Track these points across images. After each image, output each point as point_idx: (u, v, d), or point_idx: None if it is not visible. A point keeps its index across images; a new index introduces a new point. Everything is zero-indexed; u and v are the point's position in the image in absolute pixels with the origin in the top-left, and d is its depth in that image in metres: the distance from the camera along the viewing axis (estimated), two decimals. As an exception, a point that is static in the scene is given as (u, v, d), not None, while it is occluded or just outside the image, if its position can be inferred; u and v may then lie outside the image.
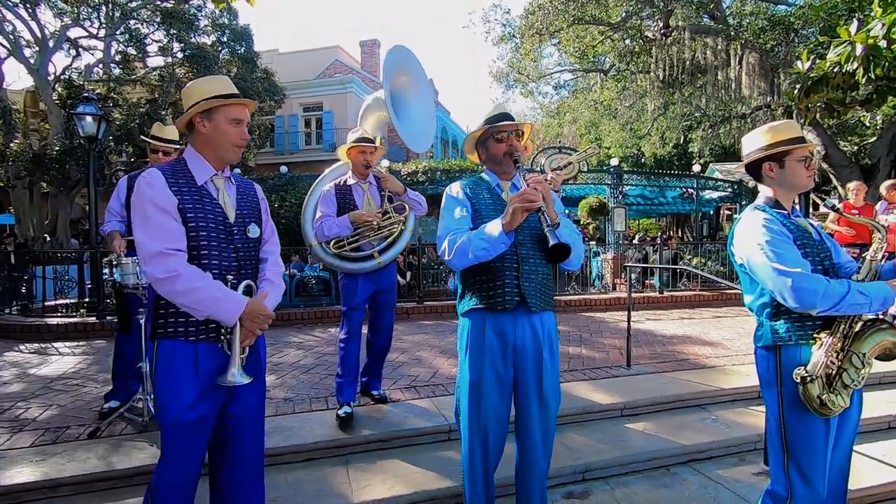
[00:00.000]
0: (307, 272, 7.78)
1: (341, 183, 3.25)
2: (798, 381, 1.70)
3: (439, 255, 2.01)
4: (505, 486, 2.43)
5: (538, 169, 10.38)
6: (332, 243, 3.18)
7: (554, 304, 2.10)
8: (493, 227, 1.83)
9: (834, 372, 1.69)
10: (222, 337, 1.68)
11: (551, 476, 2.58)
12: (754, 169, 1.92)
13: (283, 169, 12.41)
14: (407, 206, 3.30)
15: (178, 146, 3.25)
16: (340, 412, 3.03)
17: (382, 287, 3.27)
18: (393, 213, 3.25)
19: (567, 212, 3.87)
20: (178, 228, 1.61)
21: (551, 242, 1.71)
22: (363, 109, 3.49)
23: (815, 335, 1.74)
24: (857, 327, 1.71)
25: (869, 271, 1.76)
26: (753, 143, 1.92)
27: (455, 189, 2.08)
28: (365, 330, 3.30)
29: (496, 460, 2.04)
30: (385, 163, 11.73)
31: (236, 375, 1.65)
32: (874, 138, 12.18)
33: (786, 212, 1.86)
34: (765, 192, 1.92)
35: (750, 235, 1.78)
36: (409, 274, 8.79)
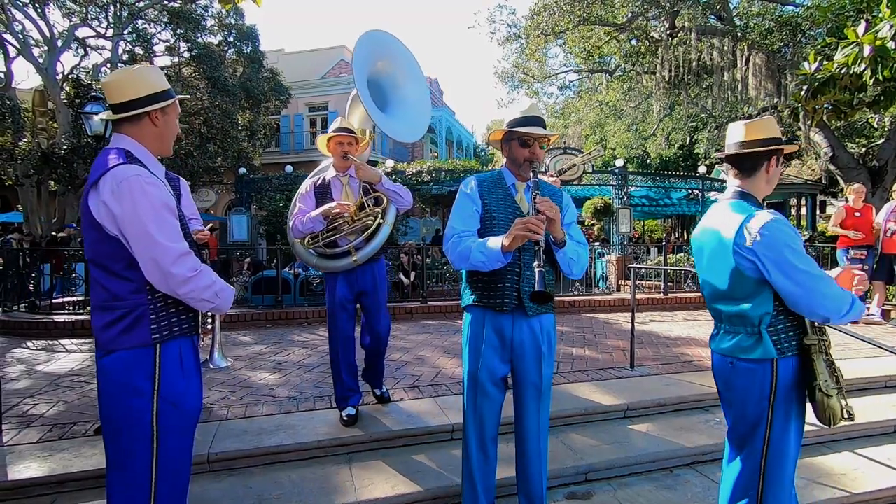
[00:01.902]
0: (311, 271, 7.80)
1: (320, 178, 3.12)
2: (826, 396, 1.66)
3: (444, 251, 2.04)
4: (505, 486, 2.43)
5: (542, 169, 10.37)
6: (308, 240, 3.02)
7: (553, 304, 2.12)
8: (494, 245, 1.85)
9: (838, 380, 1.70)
10: (208, 326, 1.74)
11: (554, 476, 2.60)
12: (753, 159, 1.78)
13: (289, 168, 12.46)
14: (385, 199, 3.07)
15: None
16: (343, 415, 3.02)
17: (365, 288, 3.08)
18: (372, 205, 3.04)
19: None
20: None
21: (536, 288, 1.71)
22: (349, 102, 3.28)
23: (823, 346, 1.71)
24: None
25: None
26: (765, 130, 1.78)
27: (470, 185, 2.09)
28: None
29: (493, 449, 2.10)
30: (390, 162, 11.75)
31: (220, 360, 1.73)
32: (882, 140, 12.09)
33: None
34: (751, 188, 1.80)
35: (781, 238, 1.62)
36: (412, 273, 8.80)
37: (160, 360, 1.56)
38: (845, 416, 1.67)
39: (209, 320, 1.78)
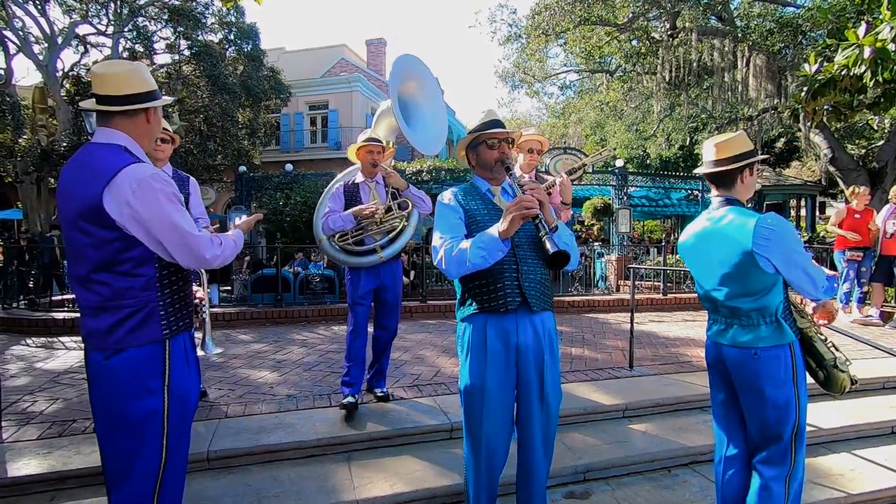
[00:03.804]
0: (311, 270, 7.81)
1: (350, 181, 3.40)
2: (840, 371, 1.94)
3: (436, 265, 1.97)
4: (505, 484, 2.44)
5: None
6: (336, 237, 3.29)
7: (552, 304, 2.11)
8: (490, 235, 1.83)
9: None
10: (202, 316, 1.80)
11: (553, 476, 2.59)
12: (728, 174, 2.00)
13: (289, 167, 12.46)
14: (410, 203, 3.38)
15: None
16: (345, 401, 3.10)
17: (385, 283, 3.33)
18: (396, 209, 3.34)
19: (572, 213, 3.87)
20: None
21: (551, 250, 1.72)
22: (377, 115, 3.60)
23: (817, 328, 1.99)
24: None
25: None
26: (735, 147, 2.00)
27: (446, 197, 2.08)
28: (371, 328, 3.35)
29: (501, 462, 2.02)
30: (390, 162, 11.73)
31: (212, 346, 1.80)
32: (882, 142, 12.11)
33: None
34: (735, 195, 2.02)
35: (793, 236, 1.86)
36: (412, 273, 8.81)
37: (170, 355, 1.58)
38: (853, 382, 1.97)
39: (204, 311, 1.84)
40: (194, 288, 2.45)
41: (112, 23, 13.93)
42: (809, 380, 2.01)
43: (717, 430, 2.14)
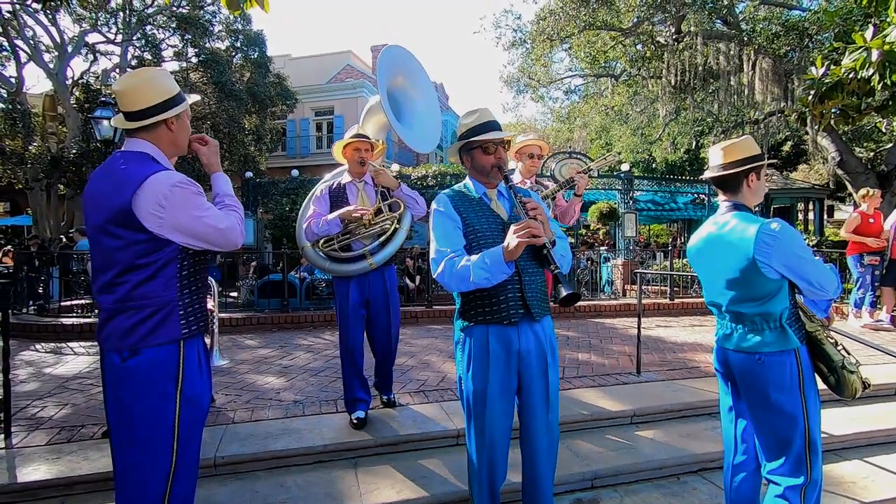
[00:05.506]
0: (317, 275, 7.83)
1: (336, 183, 3.15)
2: (850, 373, 1.91)
3: (436, 278, 1.94)
4: (510, 492, 2.42)
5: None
6: (321, 243, 3.05)
7: (550, 306, 2.09)
8: (495, 257, 1.79)
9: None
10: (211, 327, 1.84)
11: (560, 483, 2.59)
12: (734, 178, 1.99)
13: (295, 173, 12.53)
14: (402, 205, 3.13)
15: None
16: (353, 417, 3.04)
17: (377, 292, 3.10)
18: (387, 210, 3.08)
19: (579, 217, 3.84)
20: None
21: (564, 292, 1.73)
22: (364, 112, 3.37)
23: (826, 331, 1.98)
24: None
25: None
26: (741, 151, 1.99)
27: (442, 204, 2.00)
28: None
29: (503, 469, 2.01)
30: (395, 166, 11.77)
31: (218, 358, 1.83)
32: (890, 145, 12.01)
33: None
34: (742, 200, 2.00)
35: (797, 242, 1.85)
36: (418, 278, 8.81)
37: (183, 359, 1.63)
38: (866, 386, 1.94)
39: (213, 321, 1.87)
40: None
41: (121, 31, 14.11)
42: (823, 387, 1.98)
43: (727, 437, 2.12)
